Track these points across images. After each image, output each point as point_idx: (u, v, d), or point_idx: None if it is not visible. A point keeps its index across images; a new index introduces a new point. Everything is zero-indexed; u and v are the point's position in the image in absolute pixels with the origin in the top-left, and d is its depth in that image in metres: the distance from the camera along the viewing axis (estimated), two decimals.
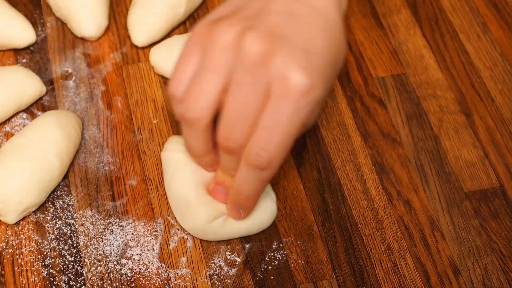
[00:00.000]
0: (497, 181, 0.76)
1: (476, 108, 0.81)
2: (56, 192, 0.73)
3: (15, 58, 0.81)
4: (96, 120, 0.78)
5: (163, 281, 0.68)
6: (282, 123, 0.59)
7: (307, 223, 0.72)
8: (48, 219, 0.71)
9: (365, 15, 0.87)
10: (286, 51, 0.59)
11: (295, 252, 0.71)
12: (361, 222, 0.73)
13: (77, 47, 0.83)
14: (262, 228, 0.71)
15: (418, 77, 0.83)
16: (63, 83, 0.80)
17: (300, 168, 0.76)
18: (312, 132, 0.78)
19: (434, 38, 0.86)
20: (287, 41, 0.59)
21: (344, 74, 0.82)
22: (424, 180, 0.75)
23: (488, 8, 0.88)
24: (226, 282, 0.69)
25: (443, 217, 0.73)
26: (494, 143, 0.78)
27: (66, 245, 0.70)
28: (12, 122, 0.77)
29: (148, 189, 0.74)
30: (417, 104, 0.81)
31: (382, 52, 0.84)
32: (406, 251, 0.71)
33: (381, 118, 0.79)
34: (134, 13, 0.82)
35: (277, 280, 0.69)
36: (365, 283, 0.69)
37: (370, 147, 0.77)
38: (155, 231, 0.71)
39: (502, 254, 0.71)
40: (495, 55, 0.84)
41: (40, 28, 0.84)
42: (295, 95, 0.59)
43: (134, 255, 0.70)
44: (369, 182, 0.75)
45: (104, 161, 0.75)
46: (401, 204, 0.74)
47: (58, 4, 0.82)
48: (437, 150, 0.77)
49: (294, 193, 0.74)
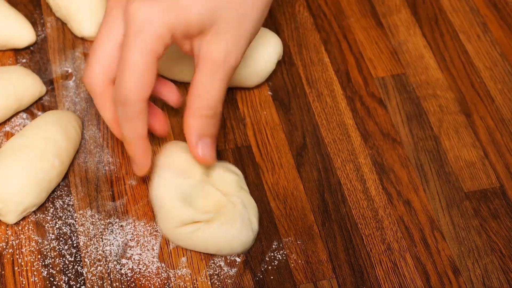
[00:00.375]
0: (497, 181, 0.76)
1: (476, 108, 0.81)
2: (56, 192, 0.73)
3: (15, 58, 0.81)
4: (96, 120, 0.78)
5: (163, 281, 0.68)
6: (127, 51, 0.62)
7: (307, 223, 0.72)
8: (48, 219, 0.71)
9: (365, 15, 0.87)
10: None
11: (295, 252, 0.71)
12: (361, 222, 0.73)
13: (77, 47, 0.83)
14: (231, 253, 0.70)
15: (418, 77, 0.83)
16: (63, 83, 0.80)
17: (300, 168, 0.76)
18: (312, 132, 0.78)
19: (434, 38, 0.86)
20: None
21: (344, 74, 0.82)
22: (424, 180, 0.75)
23: (488, 8, 0.88)
24: (226, 282, 0.69)
25: (443, 217, 0.73)
26: (494, 143, 0.78)
27: (66, 245, 0.70)
28: (12, 122, 0.77)
29: (148, 189, 0.74)
30: (417, 104, 0.81)
31: (382, 52, 0.84)
32: (406, 251, 0.71)
33: (381, 118, 0.79)
34: None
35: (277, 280, 0.69)
36: (365, 283, 0.69)
37: (370, 147, 0.77)
38: (155, 231, 0.71)
39: (502, 254, 0.71)
40: (495, 55, 0.85)
41: (40, 28, 0.84)
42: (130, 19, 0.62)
43: (134, 255, 0.70)
44: (369, 182, 0.75)
45: (104, 161, 0.75)
46: (401, 204, 0.74)
47: (58, 4, 0.82)
48: (437, 150, 0.77)
49: (294, 193, 0.74)
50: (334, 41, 0.85)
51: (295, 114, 0.79)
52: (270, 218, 0.72)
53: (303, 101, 0.80)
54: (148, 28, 0.62)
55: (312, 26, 0.86)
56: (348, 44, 0.85)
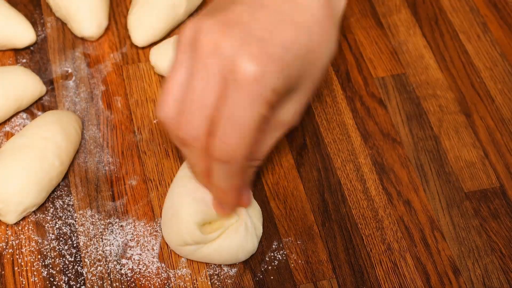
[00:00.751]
0: (497, 181, 0.76)
1: (476, 108, 0.81)
2: (56, 192, 0.73)
3: (15, 58, 0.81)
4: (96, 120, 0.78)
5: (163, 281, 0.68)
6: (238, 113, 0.57)
7: (307, 223, 0.72)
8: (48, 219, 0.71)
9: (365, 15, 0.87)
10: (237, 37, 0.57)
11: (295, 252, 0.71)
12: (361, 222, 0.73)
13: (77, 47, 0.83)
14: (237, 262, 0.69)
15: (418, 77, 0.83)
16: (63, 83, 0.80)
17: (300, 168, 0.76)
18: (312, 132, 0.78)
19: (434, 38, 0.86)
20: (241, 28, 0.57)
21: (344, 74, 0.82)
22: (424, 180, 0.75)
23: (488, 8, 0.88)
24: (226, 282, 0.69)
25: (443, 217, 0.73)
26: (494, 143, 0.78)
27: (66, 245, 0.70)
28: (12, 122, 0.77)
29: (148, 189, 0.74)
30: (417, 104, 0.81)
31: (382, 52, 0.84)
32: (406, 251, 0.71)
33: (381, 118, 0.79)
34: (134, 13, 0.82)
35: (277, 280, 0.69)
36: (365, 283, 0.69)
37: (370, 147, 0.77)
38: (155, 231, 0.71)
39: (502, 254, 0.71)
40: (495, 55, 0.85)
41: (40, 28, 0.84)
42: (245, 82, 0.56)
43: (134, 255, 0.70)
44: (369, 182, 0.75)
45: (104, 161, 0.75)
46: (401, 204, 0.74)
47: (58, 4, 0.82)
48: (437, 150, 0.77)
49: (294, 193, 0.74)
50: None
51: None
52: (270, 218, 0.72)
53: None
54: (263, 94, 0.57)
55: None
56: (348, 44, 0.85)
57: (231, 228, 0.68)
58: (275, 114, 0.61)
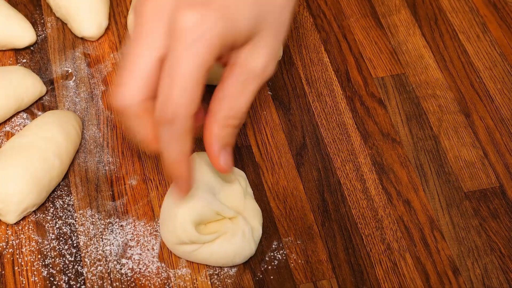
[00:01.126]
0: (497, 181, 0.76)
1: (476, 108, 0.81)
2: (56, 192, 0.73)
3: (15, 58, 0.82)
4: (96, 120, 0.78)
5: (163, 281, 0.69)
6: (178, 64, 0.56)
7: (307, 222, 0.72)
8: (48, 219, 0.72)
9: (364, 15, 0.87)
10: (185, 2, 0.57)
11: (295, 251, 0.71)
12: (361, 222, 0.73)
13: (77, 47, 0.83)
14: (233, 264, 0.69)
15: (417, 77, 0.83)
16: (63, 83, 0.80)
17: (300, 168, 0.76)
18: (312, 132, 0.78)
19: (434, 38, 0.86)
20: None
21: (343, 74, 0.83)
22: (423, 179, 0.76)
23: (487, 8, 0.88)
24: (226, 282, 0.69)
25: (442, 217, 0.73)
26: (494, 143, 0.78)
27: (66, 245, 0.70)
28: (12, 122, 0.77)
29: (148, 189, 0.74)
30: (417, 104, 0.81)
31: (381, 52, 0.84)
32: (405, 251, 0.71)
33: (381, 118, 0.79)
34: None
35: (277, 280, 0.69)
36: (365, 283, 0.69)
37: (370, 147, 0.77)
38: (155, 231, 0.71)
39: (501, 253, 0.71)
40: (494, 55, 0.85)
41: (40, 28, 0.84)
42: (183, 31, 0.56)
43: (134, 255, 0.70)
44: (368, 182, 0.75)
45: (104, 161, 0.75)
46: (400, 204, 0.74)
47: (58, 4, 0.82)
48: (436, 150, 0.78)
49: (294, 193, 0.74)
50: (334, 41, 0.85)
51: (295, 114, 0.79)
52: (270, 218, 0.73)
53: (303, 101, 0.80)
54: (201, 40, 0.56)
55: (311, 26, 0.86)
56: (347, 44, 0.85)
57: (228, 234, 0.67)
58: (243, 62, 0.60)
